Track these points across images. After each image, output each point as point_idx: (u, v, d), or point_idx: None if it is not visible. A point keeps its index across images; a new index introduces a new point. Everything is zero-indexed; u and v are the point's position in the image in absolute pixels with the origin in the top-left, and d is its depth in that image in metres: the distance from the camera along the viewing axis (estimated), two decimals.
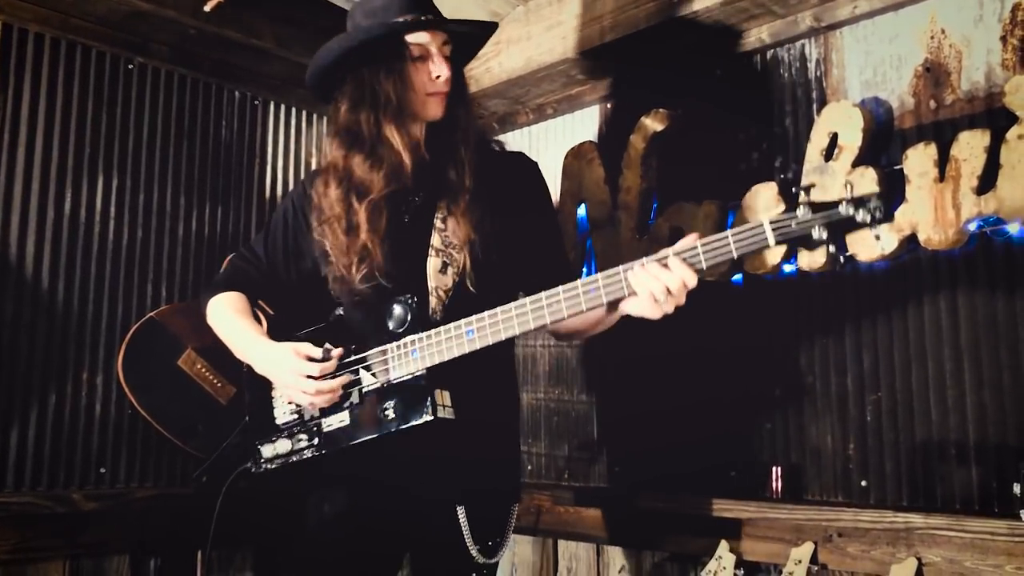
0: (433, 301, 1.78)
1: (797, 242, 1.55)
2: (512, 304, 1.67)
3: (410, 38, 1.80)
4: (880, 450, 2.14)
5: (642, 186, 2.61)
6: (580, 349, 2.80)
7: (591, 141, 2.77)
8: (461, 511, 1.78)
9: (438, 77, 1.82)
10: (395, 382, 1.73)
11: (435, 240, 1.82)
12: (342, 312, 1.86)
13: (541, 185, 2.01)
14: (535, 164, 2.03)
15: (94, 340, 2.42)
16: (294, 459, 1.80)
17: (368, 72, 1.82)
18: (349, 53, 1.82)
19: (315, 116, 2.99)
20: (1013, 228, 1.96)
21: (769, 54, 2.46)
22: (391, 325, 1.74)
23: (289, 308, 1.97)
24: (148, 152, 2.57)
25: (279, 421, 1.84)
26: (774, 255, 2.28)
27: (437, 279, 1.80)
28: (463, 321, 1.69)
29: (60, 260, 2.38)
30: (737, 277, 2.42)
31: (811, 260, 2.20)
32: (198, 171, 2.67)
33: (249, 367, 1.84)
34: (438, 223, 1.83)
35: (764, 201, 2.30)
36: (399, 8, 1.81)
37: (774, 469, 2.30)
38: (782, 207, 2.26)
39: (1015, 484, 1.77)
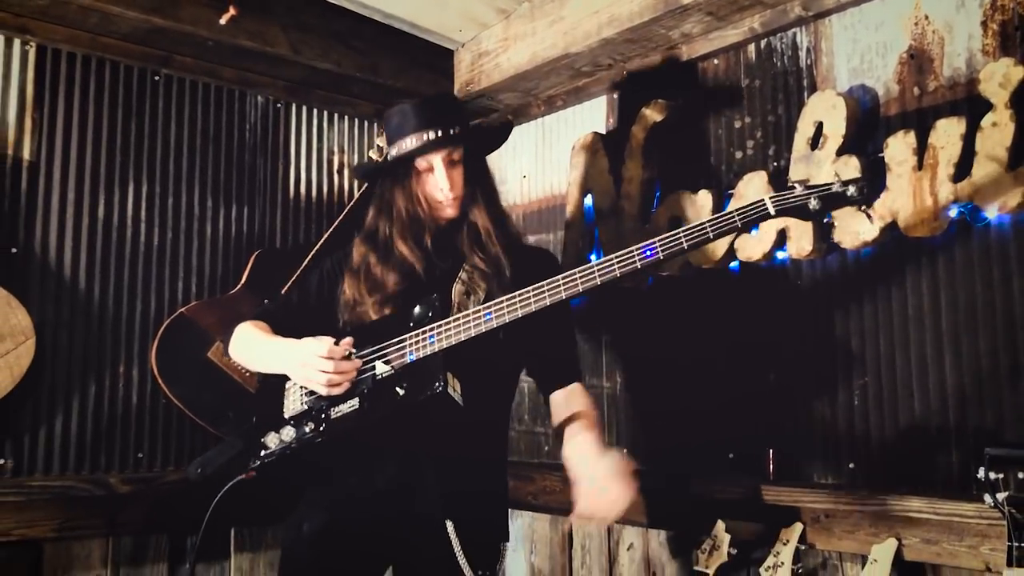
0: (455, 311, 1.93)
1: (793, 212, 1.72)
2: (528, 288, 1.83)
3: (417, 157, 2.02)
4: (867, 433, 2.18)
5: (644, 175, 2.67)
6: (591, 339, 2.88)
7: (596, 132, 2.84)
8: (450, 525, 1.88)
9: (442, 190, 2.02)
10: (410, 363, 1.86)
11: (462, 275, 2.03)
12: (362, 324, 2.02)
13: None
14: (556, 259, 2.27)
15: (129, 336, 2.61)
16: (294, 445, 1.89)
17: (387, 184, 2.09)
18: (369, 176, 2.17)
19: (335, 116, 3.12)
20: (991, 214, 1.97)
21: (762, 43, 2.48)
22: (412, 324, 1.90)
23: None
24: (176, 158, 2.74)
25: (287, 415, 1.96)
26: (765, 243, 2.33)
27: (460, 298, 1.99)
28: (484, 305, 1.86)
29: (96, 262, 2.56)
30: (734, 264, 2.47)
31: (799, 247, 2.25)
32: (224, 174, 2.83)
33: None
34: (463, 273, 2.04)
35: (755, 189, 2.35)
36: (410, 128, 2.01)
37: (769, 452, 2.36)
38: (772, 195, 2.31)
39: (980, 468, 1.80)
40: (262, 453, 1.92)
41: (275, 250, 2.91)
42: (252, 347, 2.04)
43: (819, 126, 2.23)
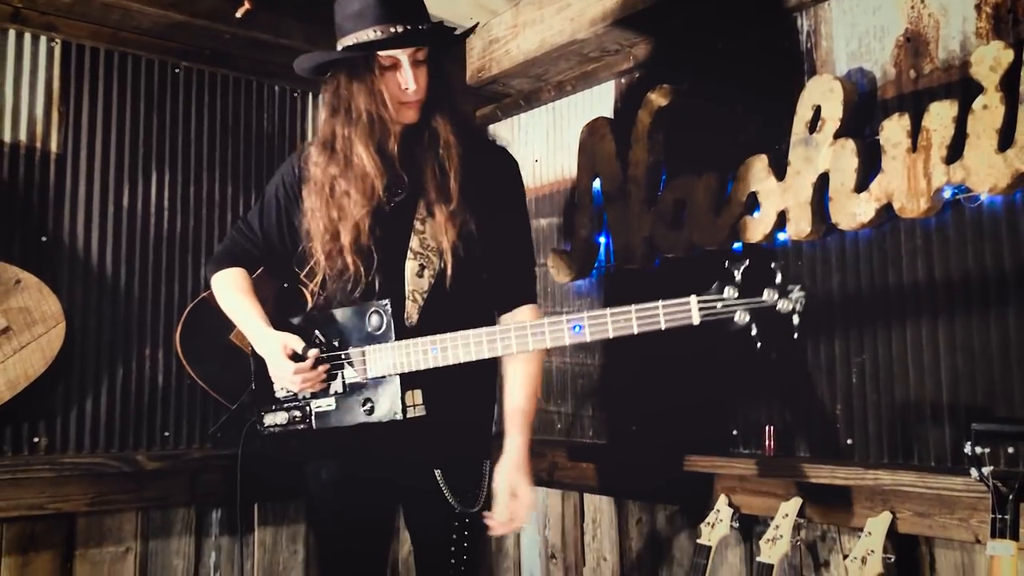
0: (409, 305, 1.96)
1: (722, 323, 1.66)
2: (482, 330, 1.83)
3: (380, 51, 1.89)
4: (864, 410, 2.24)
5: (650, 160, 2.72)
6: None
7: (604, 117, 2.89)
8: (438, 473, 2.00)
9: (407, 88, 1.91)
10: (372, 379, 1.94)
11: (413, 243, 1.98)
12: (330, 306, 2.03)
13: (517, 185, 2.13)
14: (514, 163, 2.15)
15: (154, 319, 2.72)
16: (289, 429, 2.05)
17: (343, 81, 1.94)
18: (321, 67, 2.00)
19: None
20: (983, 195, 2.01)
21: (764, 28, 2.52)
22: (369, 328, 1.94)
23: (288, 273, 2.14)
24: (196, 148, 2.84)
25: (278, 395, 2.08)
26: (766, 224, 2.38)
27: (414, 283, 1.97)
28: (430, 339, 1.86)
29: (121, 249, 2.68)
30: (737, 245, 2.52)
31: (799, 229, 2.30)
32: (243, 162, 2.93)
33: (223, 346, 2.12)
34: (417, 224, 1.98)
35: (756, 172, 2.40)
36: (372, 18, 1.88)
37: (767, 429, 2.42)
38: (772, 179, 2.36)
39: (967, 443, 1.85)
40: (264, 426, 2.09)
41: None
42: (234, 315, 2.12)
43: (817, 110, 2.27)
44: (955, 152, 2.00)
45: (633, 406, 2.83)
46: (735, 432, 2.52)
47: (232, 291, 2.12)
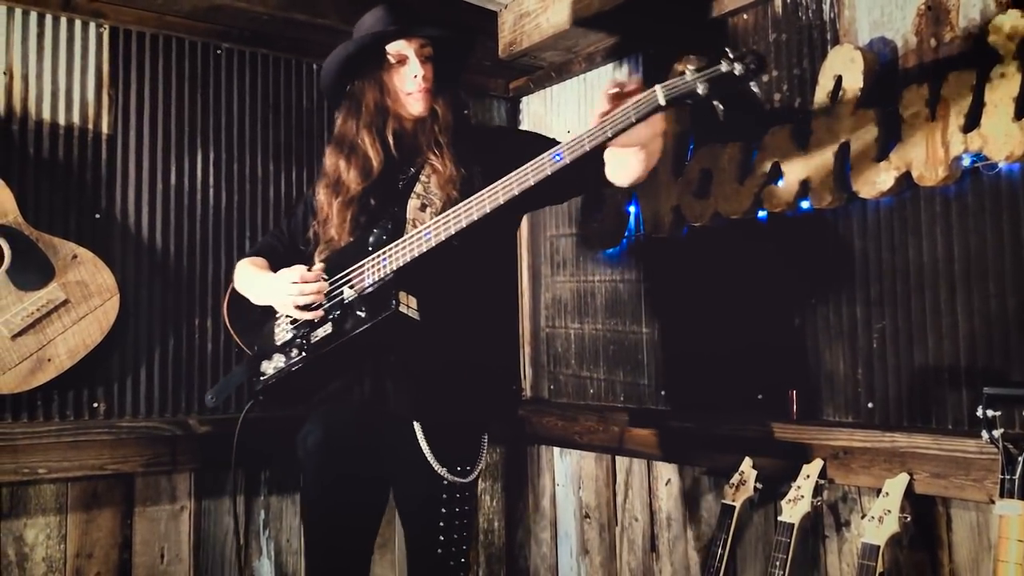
0: (409, 228, 2.05)
1: (686, 97, 1.72)
2: (472, 196, 1.91)
3: (388, 47, 2.07)
4: (885, 374, 2.29)
5: (676, 129, 2.77)
6: (632, 285, 3.02)
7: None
8: (417, 427, 2.04)
9: (415, 76, 2.08)
10: (369, 288, 2.02)
11: (417, 188, 2.11)
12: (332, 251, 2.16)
13: (526, 133, 2.29)
14: (515, 128, 2.32)
15: (203, 290, 2.86)
16: (286, 371, 2.10)
17: (356, 84, 2.14)
18: (341, 70, 2.13)
19: None
20: (1000, 163, 2.03)
21: None
22: (370, 248, 2.05)
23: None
24: (239, 126, 2.95)
25: (278, 342, 2.18)
26: (789, 193, 2.42)
27: (415, 213, 2.08)
28: (424, 225, 1.96)
29: (170, 224, 2.81)
30: (762, 214, 2.57)
31: (820, 197, 2.34)
32: (284, 139, 3.03)
33: (261, 310, 2.20)
34: (423, 177, 2.11)
35: (780, 141, 2.44)
36: (382, 23, 2.09)
37: (791, 393, 2.48)
38: (795, 148, 2.40)
39: (979, 407, 1.90)
40: (261, 379, 2.15)
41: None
42: (247, 283, 2.25)
43: (838, 79, 2.30)
44: (973, 121, 2.03)
45: (662, 372, 2.91)
46: (760, 396, 2.59)
47: (246, 265, 2.29)
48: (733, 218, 2.58)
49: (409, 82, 2.10)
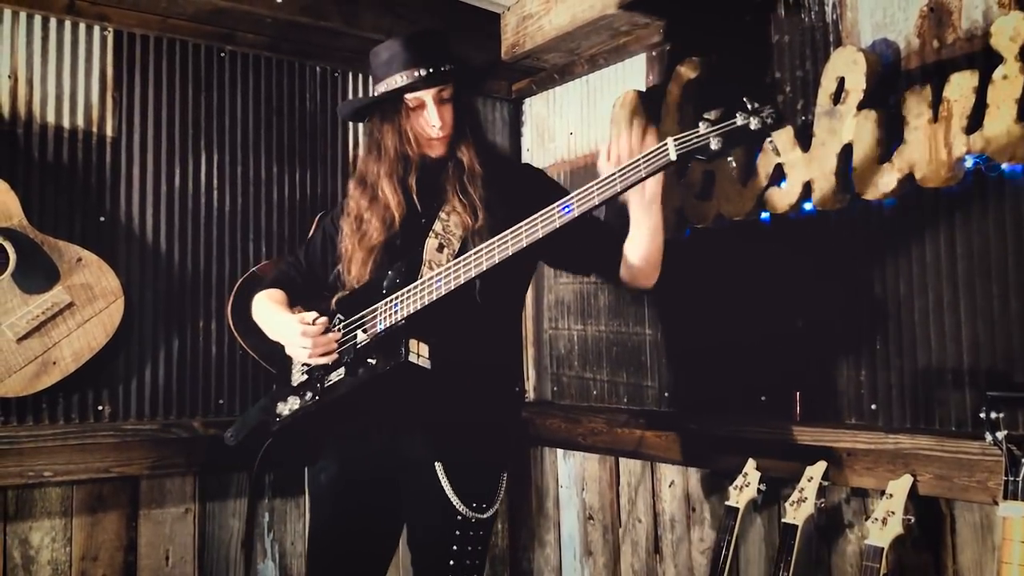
0: (425, 270, 2.03)
1: (698, 153, 1.74)
2: (481, 245, 1.91)
3: (407, 95, 2.05)
4: (888, 376, 2.29)
5: (679, 131, 2.77)
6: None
7: (635, 90, 2.94)
8: (439, 467, 2.02)
9: (434, 125, 2.07)
10: (381, 334, 2.01)
11: (436, 226, 2.08)
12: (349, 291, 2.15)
13: (549, 181, 2.26)
14: (541, 171, 2.30)
15: (207, 293, 2.86)
16: (300, 412, 2.10)
17: (376, 122, 2.14)
18: (356, 115, 2.20)
19: None
20: (1003, 165, 2.03)
21: None
22: (384, 292, 2.04)
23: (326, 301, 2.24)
24: (243, 128, 2.96)
25: (293, 383, 2.17)
26: (792, 195, 2.43)
27: (433, 255, 2.06)
28: (433, 273, 1.95)
29: (175, 227, 2.82)
30: (765, 216, 2.57)
31: (823, 199, 2.34)
32: (287, 141, 3.04)
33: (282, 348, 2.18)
34: (443, 214, 2.09)
35: (781, 144, 2.44)
36: (400, 64, 2.05)
37: (795, 394, 2.48)
38: (797, 150, 2.40)
39: (982, 409, 1.90)
40: (276, 420, 2.14)
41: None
42: (261, 320, 2.23)
43: (841, 81, 2.30)
44: (975, 122, 2.03)
45: (665, 373, 2.91)
46: (763, 398, 2.59)
47: (263, 300, 2.25)
48: (736, 220, 2.58)
49: (428, 128, 2.09)
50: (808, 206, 2.43)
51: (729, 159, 1.73)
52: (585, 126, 3.27)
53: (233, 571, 2.87)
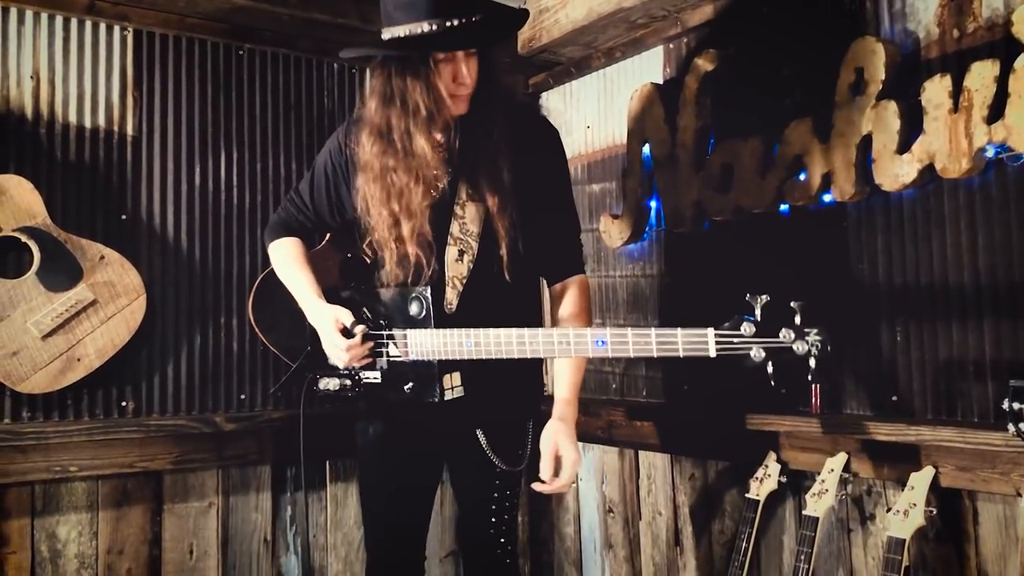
0: (448, 292, 2.05)
1: (737, 359, 1.72)
2: (512, 331, 1.92)
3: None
4: (908, 367, 2.27)
5: (697, 124, 2.77)
6: (653, 279, 3.03)
7: (653, 83, 2.93)
8: (480, 434, 2.12)
9: (463, 83, 1.92)
10: (413, 361, 2.05)
11: (453, 228, 2.06)
12: (379, 285, 2.16)
13: (560, 161, 2.23)
14: (557, 138, 2.21)
15: (228, 290, 2.89)
16: (341, 395, 2.20)
17: (395, 70, 1.91)
18: (364, 60, 2.13)
19: None
20: None
21: None
22: (411, 312, 2.05)
23: (350, 244, 2.26)
24: (262, 126, 2.98)
25: (330, 362, 2.22)
26: (812, 186, 2.42)
27: (454, 268, 2.06)
28: (465, 332, 1.96)
29: (196, 224, 2.85)
30: (784, 208, 2.56)
31: (843, 190, 2.33)
32: (306, 138, 3.06)
33: (287, 310, 2.26)
34: (457, 210, 2.05)
35: (801, 134, 2.43)
36: (426, 10, 1.82)
37: (815, 386, 2.47)
38: (816, 142, 2.38)
39: (1005, 400, 1.89)
40: (320, 390, 2.24)
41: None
42: (289, 284, 2.25)
43: (859, 71, 2.28)
44: (996, 112, 2.01)
45: (684, 366, 2.91)
46: (783, 390, 2.57)
47: (287, 260, 2.27)
48: (755, 212, 2.58)
49: (454, 84, 1.93)
50: (827, 198, 2.42)
51: (770, 371, 1.69)
52: (602, 119, 3.26)
53: (256, 565, 2.90)
